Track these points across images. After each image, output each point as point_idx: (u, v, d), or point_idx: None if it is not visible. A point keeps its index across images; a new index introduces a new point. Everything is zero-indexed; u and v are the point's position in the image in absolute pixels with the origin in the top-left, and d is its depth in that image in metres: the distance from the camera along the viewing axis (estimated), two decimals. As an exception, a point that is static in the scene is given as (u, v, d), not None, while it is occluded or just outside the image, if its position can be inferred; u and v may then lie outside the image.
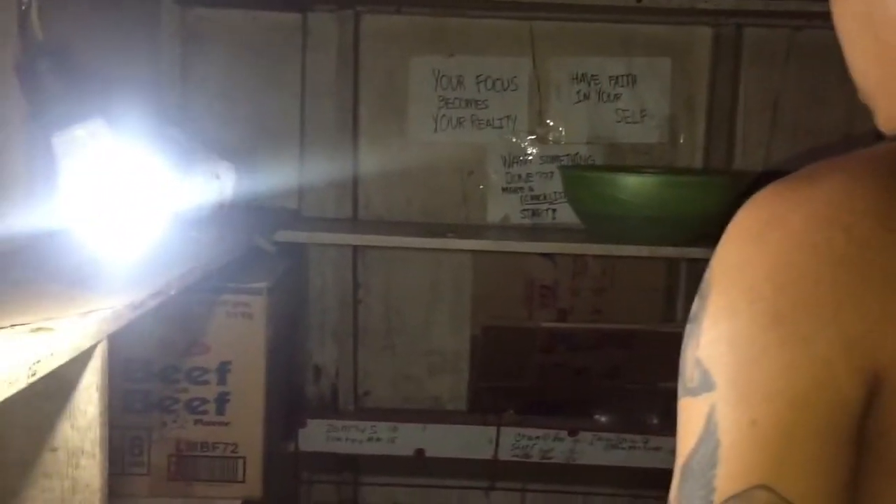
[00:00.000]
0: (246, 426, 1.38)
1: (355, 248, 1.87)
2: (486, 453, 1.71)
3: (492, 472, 1.75)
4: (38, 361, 0.66)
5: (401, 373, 1.92)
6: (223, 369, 1.36)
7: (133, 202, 0.75)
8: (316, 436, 1.72)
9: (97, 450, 0.79)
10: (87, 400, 0.79)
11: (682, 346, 0.55)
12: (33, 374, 0.66)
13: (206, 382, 1.37)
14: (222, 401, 1.37)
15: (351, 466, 1.90)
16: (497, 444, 1.70)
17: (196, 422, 1.37)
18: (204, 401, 1.37)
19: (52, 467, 0.80)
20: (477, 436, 1.72)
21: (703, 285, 0.55)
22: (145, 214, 0.77)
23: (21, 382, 0.64)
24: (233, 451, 1.38)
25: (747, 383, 0.49)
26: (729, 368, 0.50)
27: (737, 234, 0.54)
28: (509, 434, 1.70)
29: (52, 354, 0.68)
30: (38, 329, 0.73)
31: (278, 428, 1.60)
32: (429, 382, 1.93)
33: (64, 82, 0.69)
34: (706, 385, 0.51)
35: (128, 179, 0.74)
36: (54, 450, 0.79)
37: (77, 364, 0.78)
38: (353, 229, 1.79)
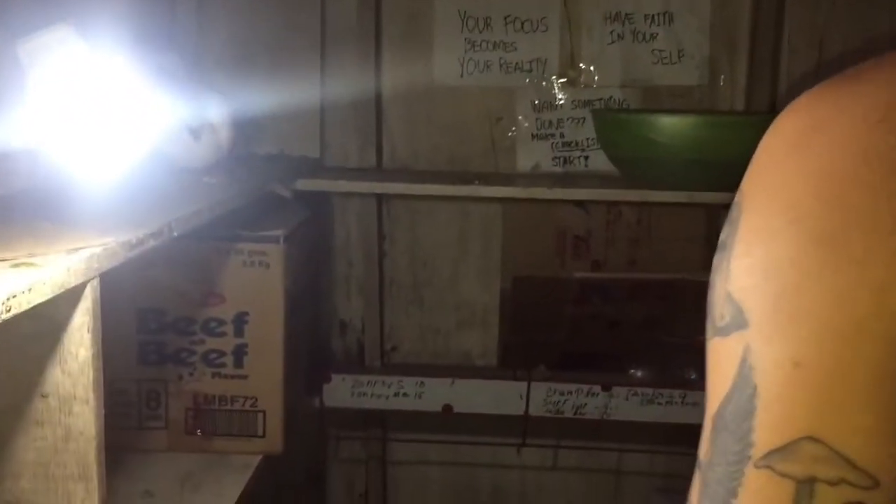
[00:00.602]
0: (265, 379, 1.33)
1: (380, 199, 1.81)
2: (516, 409, 1.65)
3: (523, 428, 1.69)
4: (14, 297, 0.61)
5: (429, 327, 1.87)
6: (240, 321, 1.31)
7: (111, 120, 0.69)
8: (341, 391, 1.68)
9: (91, 395, 0.74)
10: (79, 342, 0.74)
11: (710, 281, 0.47)
12: (8, 310, 0.60)
13: (222, 334, 1.32)
14: (240, 353, 1.32)
15: (379, 422, 1.86)
16: (528, 400, 1.64)
17: (214, 375, 1.33)
18: (221, 353, 1.32)
19: (43, 415, 0.75)
20: (507, 391, 1.66)
21: (732, 209, 0.46)
22: (126, 135, 0.71)
23: (-7, 318, 0.59)
24: (252, 405, 1.33)
25: (789, 317, 0.41)
26: (766, 301, 0.42)
27: (773, 146, 0.46)
28: (541, 389, 1.64)
29: (30, 290, 0.63)
30: (20, 264, 0.68)
31: (300, 382, 1.55)
32: (457, 337, 1.87)
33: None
34: (738, 322, 0.43)
35: (104, 95, 0.67)
36: (45, 396, 0.74)
37: (66, 304, 0.73)
38: (378, 178, 1.73)
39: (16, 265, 0.68)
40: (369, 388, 1.67)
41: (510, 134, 1.81)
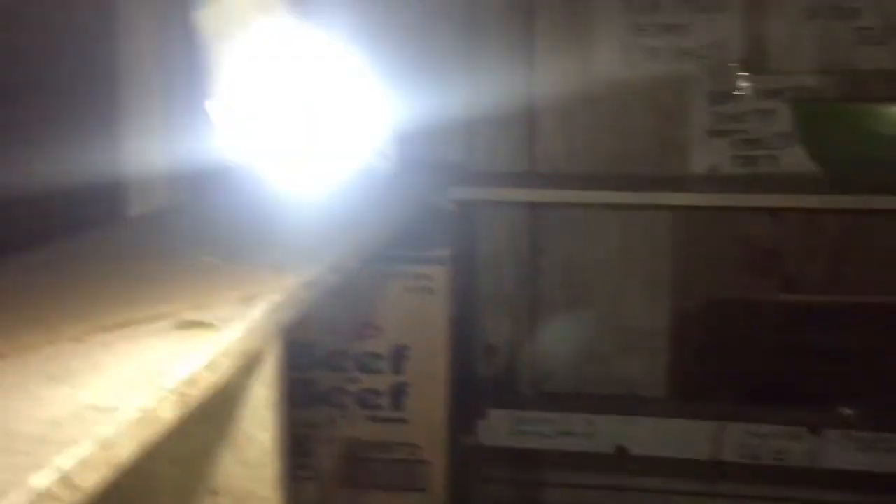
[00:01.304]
0: (427, 423, 1.14)
1: (533, 207, 1.60)
2: (703, 453, 1.41)
3: (714, 475, 1.45)
4: (192, 380, 0.42)
5: (586, 353, 1.64)
6: (399, 355, 1.12)
7: (328, 122, 0.49)
8: (497, 428, 1.47)
9: (273, 494, 0.55)
10: (259, 423, 0.54)
11: None
12: (182, 399, 0.41)
13: (378, 371, 1.13)
14: (399, 393, 1.13)
15: (531, 461, 1.64)
16: (717, 442, 1.39)
17: (369, 418, 1.14)
18: (377, 393, 1.13)
19: (211, 517, 0.56)
20: (691, 431, 1.42)
21: None
22: (343, 144, 0.52)
23: (165, 414, 0.40)
24: (413, 454, 1.14)
25: None
26: None
27: None
28: (734, 430, 1.39)
29: (208, 366, 0.43)
30: (188, 323, 0.49)
31: (460, 423, 1.35)
32: (620, 364, 1.63)
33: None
34: None
35: (320, 84, 0.48)
36: (214, 493, 0.55)
37: (240, 373, 0.54)
38: (531, 184, 1.51)
39: (183, 325, 0.48)
40: (530, 426, 1.45)
41: (682, 131, 1.57)
